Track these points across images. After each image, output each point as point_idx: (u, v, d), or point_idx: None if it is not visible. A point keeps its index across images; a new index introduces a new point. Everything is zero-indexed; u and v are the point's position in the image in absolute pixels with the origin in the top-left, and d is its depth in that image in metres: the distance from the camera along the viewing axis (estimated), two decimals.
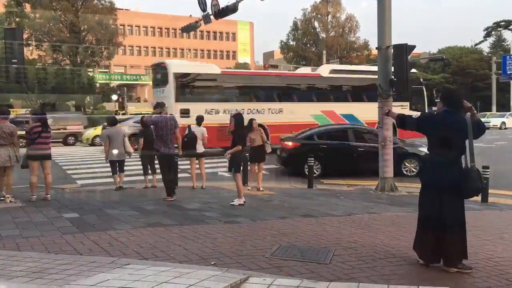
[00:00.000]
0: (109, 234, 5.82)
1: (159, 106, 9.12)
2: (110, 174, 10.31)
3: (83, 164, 15.89)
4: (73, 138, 26.72)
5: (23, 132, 8.90)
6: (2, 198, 8.22)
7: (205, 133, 10.67)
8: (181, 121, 11.83)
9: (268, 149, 10.79)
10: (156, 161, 9.45)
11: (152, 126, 9.15)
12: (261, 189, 10.28)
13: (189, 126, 10.92)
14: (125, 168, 10.31)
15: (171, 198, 8.58)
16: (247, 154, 11.68)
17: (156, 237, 5.67)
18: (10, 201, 8.11)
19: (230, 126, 8.40)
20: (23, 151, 8.63)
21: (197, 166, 10.77)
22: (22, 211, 7.39)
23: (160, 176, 9.34)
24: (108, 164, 10.17)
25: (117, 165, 10.11)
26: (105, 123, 13.36)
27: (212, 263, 4.65)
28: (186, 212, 7.38)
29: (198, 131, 10.60)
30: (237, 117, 8.34)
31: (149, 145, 9.74)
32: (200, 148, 10.66)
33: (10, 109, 10.23)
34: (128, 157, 10.34)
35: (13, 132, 8.24)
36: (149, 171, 10.54)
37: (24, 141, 9.02)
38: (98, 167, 14.48)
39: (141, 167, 10.68)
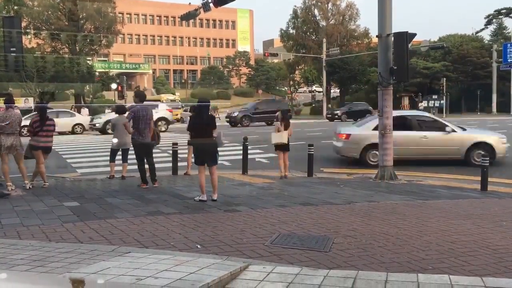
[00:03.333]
0: (109, 222, 5.84)
1: (141, 96, 9.27)
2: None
3: (84, 153, 15.89)
4: (80, 127, 26.79)
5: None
6: (13, 188, 8.29)
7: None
8: None
9: None
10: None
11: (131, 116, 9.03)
12: (288, 176, 10.38)
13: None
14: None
15: (145, 185, 8.85)
16: (247, 143, 11.69)
17: (156, 225, 5.69)
18: (30, 187, 8.57)
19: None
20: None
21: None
22: (23, 200, 7.41)
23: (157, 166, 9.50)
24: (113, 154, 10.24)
25: (117, 154, 10.16)
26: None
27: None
28: (186, 201, 7.40)
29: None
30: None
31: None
32: None
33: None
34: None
35: (20, 120, 8.59)
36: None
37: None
38: (98, 156, 14.49)
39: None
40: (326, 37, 52.65)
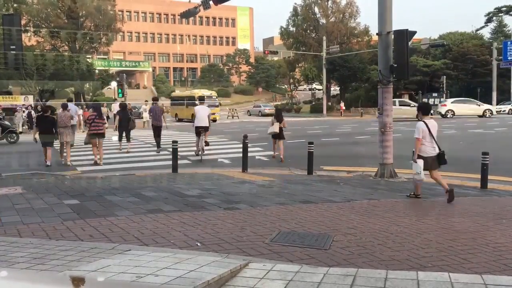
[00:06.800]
0: (109, 220, 5.85)
1: (155, 99, 14.20)
2: (110, 162, 12.61)
3: (84, 151, 15.88)
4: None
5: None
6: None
7: (209, 110, 14.21)
8: None
9: None
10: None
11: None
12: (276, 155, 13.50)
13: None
14: (125, 156, 10.41)
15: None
16: (247, 141, 11.69)
17: (156, 223, 5.70)
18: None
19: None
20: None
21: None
22: (23, 198, 7.41)
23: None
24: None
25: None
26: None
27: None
28: (186, 199, 7.41)
29: (207, 110, 14.02)
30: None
31: (124, 121, 14.68)
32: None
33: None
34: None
35: (71, 118, 12.86)
36: (123, 139, 14.84)
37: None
38: None
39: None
40: (326, 35, 52.48)
